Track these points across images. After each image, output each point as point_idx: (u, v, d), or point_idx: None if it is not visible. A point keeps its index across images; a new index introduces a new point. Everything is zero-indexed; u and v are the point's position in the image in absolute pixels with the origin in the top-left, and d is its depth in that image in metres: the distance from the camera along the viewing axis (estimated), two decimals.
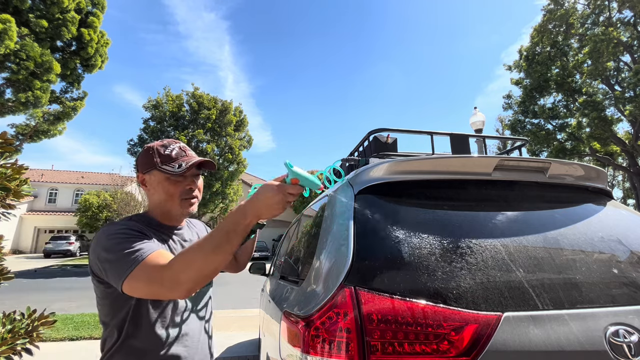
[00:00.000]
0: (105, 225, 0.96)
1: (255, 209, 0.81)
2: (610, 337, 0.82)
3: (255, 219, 0.82)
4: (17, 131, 13.19)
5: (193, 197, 1.05)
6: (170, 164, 1.00)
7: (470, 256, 0.93)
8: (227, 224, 0.80)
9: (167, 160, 1.01)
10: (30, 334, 1.46)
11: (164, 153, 1.02)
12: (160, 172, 0.99)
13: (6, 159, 1.47)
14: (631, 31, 14.37)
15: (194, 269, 0.76)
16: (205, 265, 0.77)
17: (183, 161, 1.01)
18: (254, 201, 0.82)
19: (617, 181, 30.23)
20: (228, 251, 0.79)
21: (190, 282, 0.76)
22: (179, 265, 0.77)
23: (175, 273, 0.76)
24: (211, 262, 0.77)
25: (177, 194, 1.01)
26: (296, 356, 0.89)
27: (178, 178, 1.01)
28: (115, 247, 0.84)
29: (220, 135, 18.37)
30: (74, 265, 16.60)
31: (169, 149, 1.03)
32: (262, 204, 0.81)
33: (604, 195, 1.41)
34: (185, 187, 1.03)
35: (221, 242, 0.78)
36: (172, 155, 1.02)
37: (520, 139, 1.96)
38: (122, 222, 0.96)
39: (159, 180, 1.01)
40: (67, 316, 5.63)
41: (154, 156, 1.01)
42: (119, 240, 0.86)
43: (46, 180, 27.78)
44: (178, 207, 1.03)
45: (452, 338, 0.79)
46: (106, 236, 0.88)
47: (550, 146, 17.11)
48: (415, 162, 1.16)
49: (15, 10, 10.74)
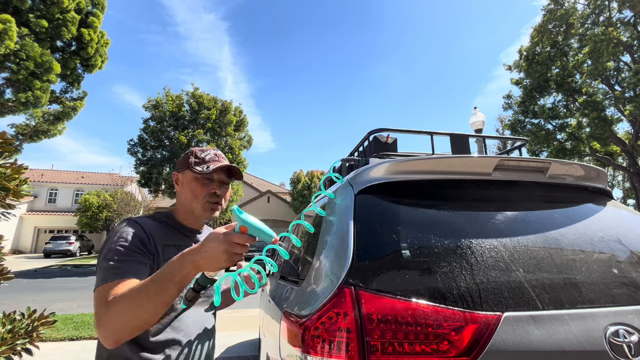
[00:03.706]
0: (122, 222, 0.98)
1: (193, 260, 0.75)
2: (610, 337, 0.82)
3: (195, 271, 0.76)
4: (17, 131, 13.19)
5: (216, 202, 1.08)
6: (201, 165, 1.06)
7: (470, 256, 0.93)
8: (164, 271, 0.77)
9: (200, 162, 1.07)
10: (30, 334, 1.46)
11: (200, 156, 1.08)
12: (191, 172, 1.06)
13: (6, 158, 1.47)
14: (631, 31, 14.37)
15: (127, 318, 0.74)
16: (139, 314, 0.75)
17: (213, 165, 1.07)
18: (195, 250, 0.76)
19: (617, 181, 30.24)
20: (163, 300, 0.75)
21: (119, 331, 0.75)
22: (114, 310, 0.75)
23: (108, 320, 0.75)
24: (145, 311, 0.75)
25: (202, 194, 1.06)
26: (296, 356, 0.89)
27: (205, 180, 1.06)
28: (108, 254, 0.87)
29: (220, 135, 18.36)
30: (74, 265, 16.60)
31: (205, 153, 1.09)
32: (204, 254, 0.74)
33: (604, 195, 1.41)
34: (211, 190, 1.06)
35: (157, 290, 0.75)
36: (206, 159, 1.08)
37: (520, 139, 1.96)
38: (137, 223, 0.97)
39: (189, 180, 1.07)
40: (67, 316, 5.63)
41: (190, 157, 1.08)
42: (117, 248, 0.88)
43: (46, 180, 27.77)
44: (201, 208, 1.06)
45: (452, 338, 0.79)
46: (113, 240, 0.91)
47: (550, 146, 17.12)
48: (415, 162, 1.16)
49: (15, 10, 10.75)
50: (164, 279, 0.75)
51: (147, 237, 0.95)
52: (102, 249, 0.91)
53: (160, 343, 0.92)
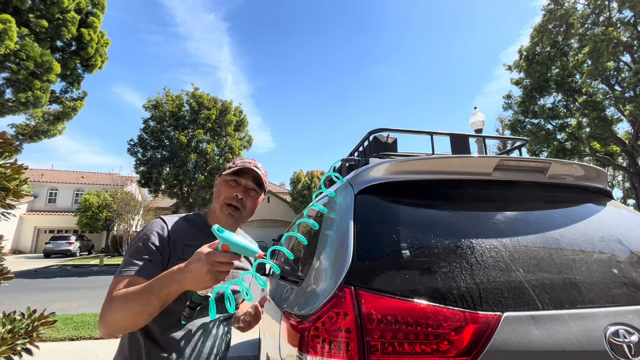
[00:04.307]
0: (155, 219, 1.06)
1: (180, 279, 0.76)
2: (610, 337, 0.82)
3: (179, 289, 0.77)
4: (17, 131, 13.19)
5: (235, 207, 1.08)
6: (232, 168, 1.10)
7: (470, 256, 0.93)
8: (154, 284, 0.80)
9: (233, 166, 1.10)
10: (30, 334, 1.46)
11: (236, 162, 1.12)
12: (223, 174, 1.11)
13: (6, 158, 1.47)
14: (631, 31, 14.37)
15: (118, 317, 0.81)
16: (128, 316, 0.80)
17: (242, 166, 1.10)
18: (182, 269, 0.77)
19: (617, 181, 30.24)
20: (147, 311, 0.79)
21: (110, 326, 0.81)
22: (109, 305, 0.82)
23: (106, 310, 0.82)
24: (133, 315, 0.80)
25: (223, 196, 1.08)
26: (296, 356, 0.89)
27: (232, 182, 1.09)
28: (130, 248, 0.96)
29: (220, 135, 18.37)
30: (74, 265, 16.60)
31: (241, 161, 1.13)
32: (188, 274, 0.75)
33: (604, 195, 1.41)
34: (233, 193, 1.08)
35: (143, 301, 0.79)
36: (238, 163, 1.12)
37: (520, 139, 1.96)
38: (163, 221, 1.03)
39: (220, 182, 1.12)
40: (67, 316, 5.63)
41: (230, 163, 1.14)
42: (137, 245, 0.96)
43: (46, 180, 27.77)
44: (219, 209, 1.08)
45: (452, 338, 0.79)
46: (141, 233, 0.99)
47: (550, 146, 17.11)
48: (415, 162, 1.16)
49: (15, 10, 10.75)
50: (151, 292, 0.79)
51: (167, 236, 0.99)
52: (131, 242, 1.00)
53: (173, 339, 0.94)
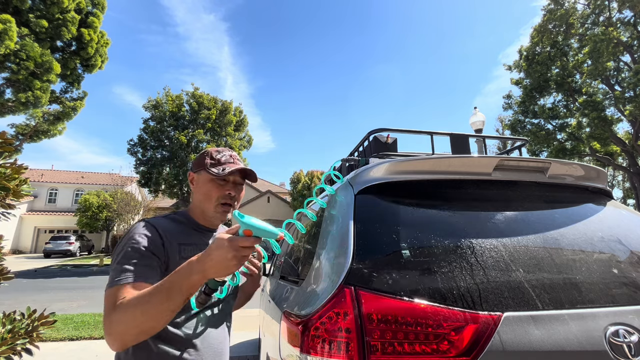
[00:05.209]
0: (136, 223, 0.99)
1: (203, 269, 0.75)
2: (610, 337, 0.82)
3: (203, 279, 0.76)
4: (17, 131, 13.20)
5: (229, 204, 1.08)
6: (217, 167, 1.07)
7: (470, 256, 0.93)
8: (172, 279, 0.76)
9: (216, 163, 1.07)
10: (30, 334, 1.46)
11: (215, 157, 1.09)
12: (207, 173, 1.06)
13: (6, 158, 1.47)
14: (631, 31, 14.36)
15: (131, 325, 0.75)
16: (145, 320, 0.75)
17: (228, 167, 1.07)
18: (203, 259, 0.75)
19: (617, 181, 30.24)
20: (169, 309, 0.75)
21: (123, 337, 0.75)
22: (119, 315, 0.75)
23: (113, 324, 0.75)
24: (150, 318, 0.75)
25: (215, 196, 1.06)
26: (296, 356, 0.89)
27: (220, 181, 1.07)
28: (119, 256, 0.88)
29: (220, 135, 18.38)
30: (74, 265, 16.60)
31: (220, 154, 1.10)
32: (212, 263, 0.74)
33: (604, 195, 1.41)
34: (225, 191, 1.07)
35: (163, 298, 0.74)
36: (221, 160, 1.08)
37: (520, 139, 1.96)
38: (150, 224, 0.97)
39: (204, 181, 1.07)
40: (67, 316, 5.63)
41: (206, 158, 1.09)
42: (126, 250, 0.89)
43: (46, 180, 27.77)
44: (213, 209, 1.07)
45: (452, 338, 0.79)
46: (126, 239, 0.92)
47: (550, 146, 17.11)
48: (415, 162, 1.16)
49: (15, 10, 10.75)
50: (171, 288, 0.75)
51: (160, 238, 0.95)
52: (115, 249, 0.93)
53: (177, 337, 0.93)
